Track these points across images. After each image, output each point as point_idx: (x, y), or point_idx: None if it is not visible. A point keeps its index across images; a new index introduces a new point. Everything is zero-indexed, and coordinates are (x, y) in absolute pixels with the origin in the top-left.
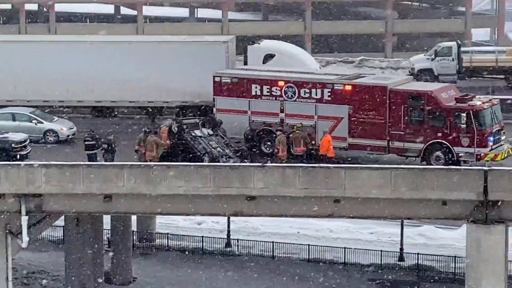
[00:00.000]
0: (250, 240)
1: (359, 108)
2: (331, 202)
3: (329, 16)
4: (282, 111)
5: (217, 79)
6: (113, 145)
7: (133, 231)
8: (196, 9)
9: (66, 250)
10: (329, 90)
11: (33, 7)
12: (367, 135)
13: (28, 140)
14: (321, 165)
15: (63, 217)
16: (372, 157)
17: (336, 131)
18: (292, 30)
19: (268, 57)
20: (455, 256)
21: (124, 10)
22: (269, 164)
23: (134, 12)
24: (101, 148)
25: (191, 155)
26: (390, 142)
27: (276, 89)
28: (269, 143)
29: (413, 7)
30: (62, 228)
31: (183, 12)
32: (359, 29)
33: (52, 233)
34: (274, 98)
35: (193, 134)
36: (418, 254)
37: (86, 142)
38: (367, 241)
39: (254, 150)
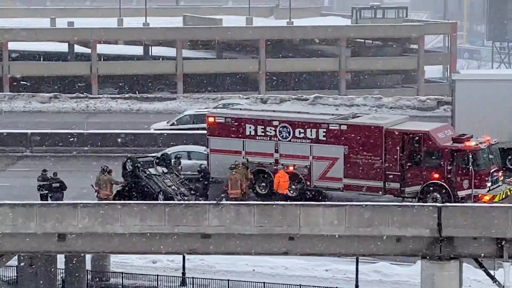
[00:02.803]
0: (205, 279)
1: (355, 149)
2: (286, 239)
3: (283, 53)
4: (276, 151)
5: (210, 119)
6: (63, 184)
7: (87, 270)
8: (150, 47)
9: None
10: (324, 130)
11: None
12: (363, 175)
13: None
14: (276, 202)
15: (16, 256)
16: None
17: (331, 171)
18: (246, 68)
19: None
20: None
21: (78, 49)
22: (224, 202)
23: (88, 50)
24: (50, 189)
25: (145, 193)
26: (386, 183)
27: (270, 129)
28: (263, 184)
29: (366, 45)
30: (15, 267)
31: (137, 50)
32: (313, 66)
33: (5, 273)
34: (268, 138)
35: (148, 172)
36: None
37: (38, 183)
38: (322, 278)
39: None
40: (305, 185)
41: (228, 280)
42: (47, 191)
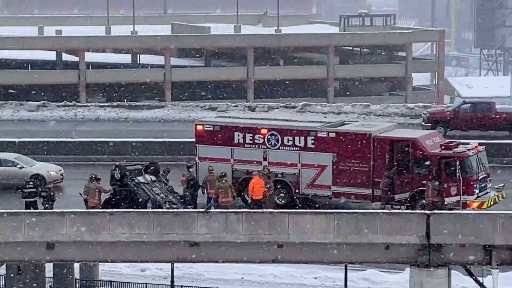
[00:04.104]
0: (194, 287)
1: (343, 156)
2: (275, 247)
3: (271, 61)
4: (265, 159)
5: (199, 127)
6: (52, 193)
7: (75, 279)
8: (138, 55)
9: None
10: (313, 137)
11: None
12: (351, 183)
13: None
14: (265, 210)
15: (4, 265)
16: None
17: (320, 179)
18: (234, 75)
19: None
20: None
21: (66, 57)
22: (212, 210)
23: (76, 59)
24: (40, 196)
25: (134, 202)
26: (374, 190)
27: (259, 137)
28: None
29: (354, 53)
30: (3, 277)
31: (125, 58)
32: (301, 74)
33: None
34: (257, 146)
35: (136, 181)
36: None
37: (26, 190)
38: (312, 286)
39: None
40: (293, 193)
41: None
42: (34, 199)
